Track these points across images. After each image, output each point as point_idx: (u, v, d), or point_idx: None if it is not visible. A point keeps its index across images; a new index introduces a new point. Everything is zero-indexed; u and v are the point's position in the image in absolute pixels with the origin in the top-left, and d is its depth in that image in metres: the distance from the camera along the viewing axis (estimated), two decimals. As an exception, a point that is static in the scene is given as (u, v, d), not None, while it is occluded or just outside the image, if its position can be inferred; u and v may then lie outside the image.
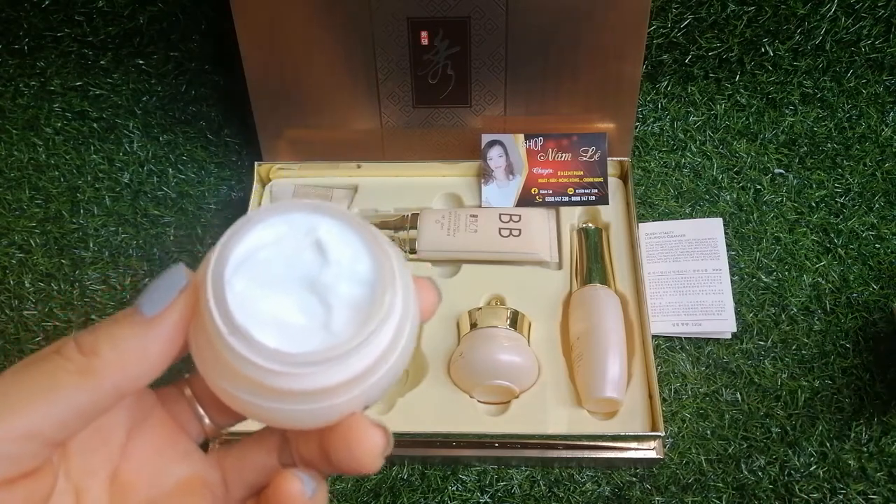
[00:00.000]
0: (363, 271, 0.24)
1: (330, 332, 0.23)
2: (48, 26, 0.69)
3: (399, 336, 0.24)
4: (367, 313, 0.23)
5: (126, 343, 0.23)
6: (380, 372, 0.24)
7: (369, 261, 0.24)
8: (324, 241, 0.24)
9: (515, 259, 0.59)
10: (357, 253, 0.24)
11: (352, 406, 0.24)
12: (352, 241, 0.24)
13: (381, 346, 0.23)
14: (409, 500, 0.53)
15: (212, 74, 0.71)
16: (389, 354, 0.24)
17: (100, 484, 0.25)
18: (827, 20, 0.66)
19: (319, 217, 0.24)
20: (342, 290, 0.23)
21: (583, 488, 0.53)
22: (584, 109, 0.62)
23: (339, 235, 0.24)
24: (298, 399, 0.23)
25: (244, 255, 0.24)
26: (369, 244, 0.24)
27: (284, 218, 0.24)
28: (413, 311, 0.25)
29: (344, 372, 0.23)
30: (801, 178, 0.66)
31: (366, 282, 0.24)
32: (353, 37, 0.58)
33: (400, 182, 0.64)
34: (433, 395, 0.54)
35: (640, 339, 0.55)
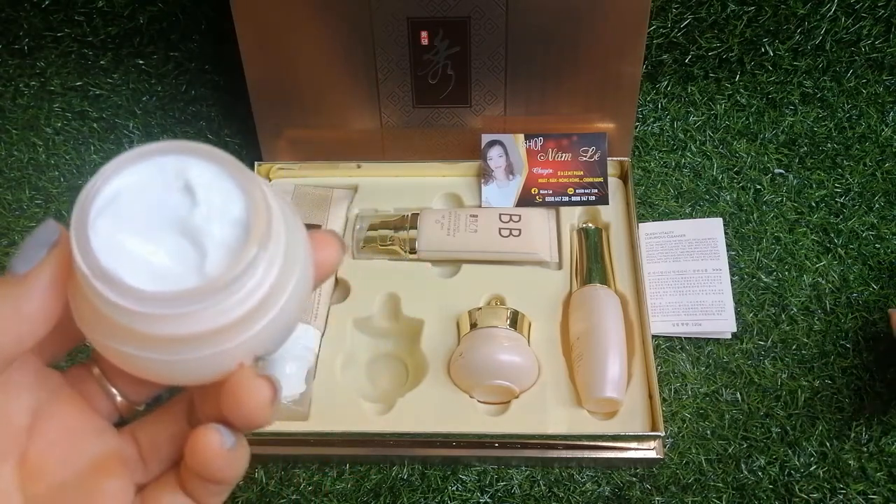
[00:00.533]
0: (237, 212, 0.23)
1: (204, 275, 0.22)
2: (48, 26, 0.69)
3: (284, 281, 0.23)
4: (240, 252, 0.22)
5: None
6: (263, 319, 0.23)
7: (243, 201, 0.23)
8: (193, 182, 0.23)
9: (515, 259, 0.59)
10: (229, 193, 0.23)
11: (235, 356, 0.23)
12: (224, 181, 0.23)
13: (262, 290, 0.22)
14: (409, 500, 0.53)
15: (212, 74, 0.71)
16: (272, 301, 0.23)
17: (9, 468, 0.24)
18: (827, 20, 0.66)
19: (189, 158, 0.23)
20: (215, 232, 0.23)
21: (583, 488, 0.53)
22: (584, 109, 0.62)
23: (211, 177, 0.23)
24: (175, 347, 0.22)
25: (109, 198, 0.23)
26: (242, 184, 0.23)
27: (153, 161, 0.23)
28: (303, 258, 0.24)
29: (220, 316, 0.22)
30: (801, 178, 0.66)
31: (240, 222, 0.23)
32: (353, 37, 0.58)
33: (400, 182, 0.64)
34: (433, 395, 0.54)
35: (640, 339, 0.55)
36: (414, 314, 0.57)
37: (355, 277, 0.59)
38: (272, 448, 0.54)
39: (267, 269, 0.22)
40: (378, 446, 0.53)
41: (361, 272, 0.59)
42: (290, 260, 0.23)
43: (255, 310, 0.22)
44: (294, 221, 0.24)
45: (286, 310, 0.23)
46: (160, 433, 0.26)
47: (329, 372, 0.55)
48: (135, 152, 0.23)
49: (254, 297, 0.22)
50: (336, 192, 0.63)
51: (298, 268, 0.24)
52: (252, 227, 0.22)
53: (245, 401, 0.23)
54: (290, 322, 0.24)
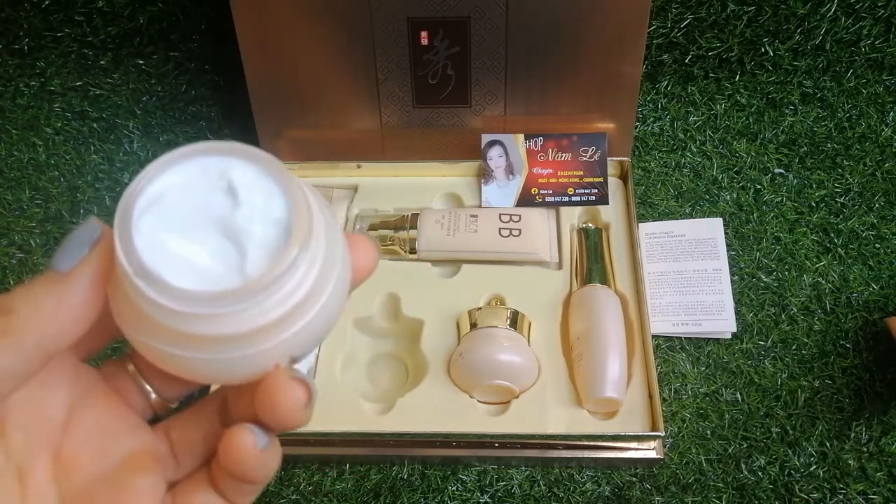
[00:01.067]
0: (278, 212, 0.23)
1: (245, 275, 0.22)
2: (48, 26, 0.69)
3: (323, 283, 0.23)
4: (282, 252, 0.22)
5: (41, 300, 0.23)
6: (302, 320, 0.23)
7: (284, 202, 0.23)
8: (236, 182, 0.23)
9: (515, 259, 0.59)
10: (271, 194, 0.23)
11: (273, 356, 0.23)
12: (265, 182, 0.23)
13: (301, 291, 0.22)
14: (409, 500, 0.53)
15: (212, 74, 0.71)
16: (311, 302, 0.23)
17: (43, 463, 0.24)
18: (827, 20, 0.66)
19: (232, 159, 0.24)
20: (256, 233, 0.23)
21: (583, 488, 0.53)
22: (584, 109, 0.62)
23: (253, 177, 0.23)
24: (214, 346, 0.22)
25: (153, 197, 0.23)
26: (284, 185, 0.23)
27: (196, 161, 0.24)
28: (341, 260, 0.24)
29: (260, 317, 0.22)
30: (801, 178, 0.66)
31: (281, 223, 0.23)
32: (353, 37, 0.58)
33: (400, 182, 0.64)
34: (433, 395, 0.54)
35: (640, 339, 0.55)
36: (414, 314, 0.57)
37: (355, 277, 0.59)
38: (272, 448, 0.53)
39: (307, 270, 0.23)
40: (378, 446, 0.53)
41: (361, 272, 0.59)
42: (329, 262, 0.23)
43: (293, 311, 0.22)
44: (333, 223, 0.24)
45: (324, 312, 0.23)
46: (193, 431, 0.27)
47: (329, 372, 0.55)
48: (178, 152, 0.23)
49: (293, 299, 0.22)
50: (336, 192, 0.63)
51: (337, 270, 0.24)
52: (293, 229, 0.22)
53: (280, 402, 0.23)
54: (327, 323, 0.24)
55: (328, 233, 0.24)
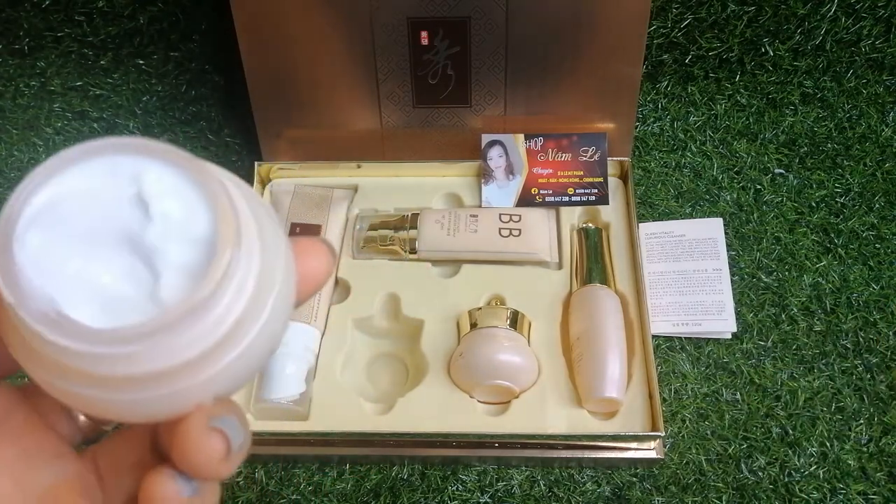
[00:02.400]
0: (199, 227, 0.19)
1: (159, 301, 0.18)
2: (48, 26, 0.69)
3: (256, 309, 0.19)
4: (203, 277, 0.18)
5: None
6: (229, 354, 0.19)
7: (207, 214, 0.19)
8: (149, 190, 0.19)
9: (515, 259, 0.59)
10: (192, 204, 0.19)
11: (193, 396, 0.20)
12: (185, 189, 0.19)
13: (228, 321, 0.19)
14: (409, 500, 0.53)
15: (212, 74, 0.71)
16: (241, 332, 0.19)
17: None
18: (827, 20, 0.66)
19: (146, 161, 0.19)
20: (171, 252, 0.19)
21: (583, 488, 0.53)
22: (584, 109, 0.62)
23: (171, 183, 0.19)
24: (124, 386, 0.19)
25: (44, 206, 0.19)
26: (208, 193, 0.19)
27: (101, 161, 0.19)
28: (281, 278, 0.20)
29: (177, 353, 0.18)
30: (801, 178, 0.66)
31: (202, 240, 0.19)
32: (353, 37, 0.58)
33: (400, 182, 0.64)
34: (433, 395, 0.54)
35: (640, 339, 0.55)
36: (414, 314, 0.57)
37: (355, 277, 0.59)
38: (272, 448, 0.54)
39: (235, 296, 0.19)
40: (378, 446, 0.53)
41: (361, 272, 0.59)
42: (266, 282, 0.20)
43: (218, 345, 0.19)
44: (273, 231, 0.21)
45: (257, 342, 0.20)
46: (121, 460, 0.23)
47: (329, 372, 0.55)
48: (79, 149, 0.19)
49: (218, 330, 0.19)
50: (336, 192, 0.63)
51: (276, 290, 0.20)
52: (217, 247, 0.18)
53: (192, 454, 0.20)
54: (262, 354, 0.21)
55: (265, 246, 0.20)
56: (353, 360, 0.57)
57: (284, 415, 0.53)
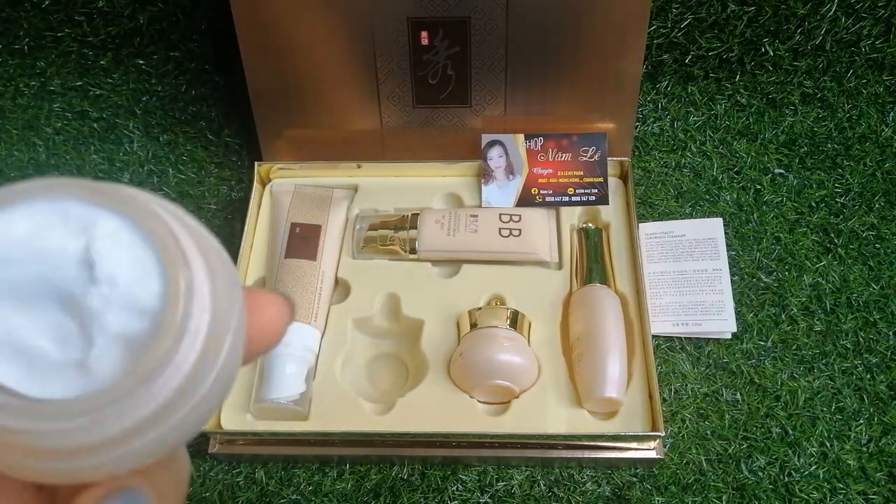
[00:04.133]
0: (147, 298, 0.17)
1: (86, 373, 0.17)
2: (48, 26, 0.69)
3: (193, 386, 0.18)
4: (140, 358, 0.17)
5: None
6: (157, 429, 0.18)
7: (159, 283, 0.17)
8: (97, 248, 0.17)
9: (515, 259, 0.59)
10: (144, 269, 0.17)
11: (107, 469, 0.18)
12: (141, 251, 0.17)
13: (157, 401, 0.17)
14: (409, 500, 0.53)
15: (212, 74, 0.71)
16: (175, 406, 0.18)
17: None
18: (827, 20, 0.66)
19: (104, 212, 0.17)
20: (111, 321, 0.17)
21: (583, 488, 0.53)
22: (584, 109, 0.62)
23: (125, 242, 0.17)
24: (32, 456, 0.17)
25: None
26: (166, 257, 0.17)
27: (54, 205, 0.17)
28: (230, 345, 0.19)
29: (101, 429, 0.17)
30: (801, 178, 0.66)
31: (148, 313, 0.17)
32: (353, 37, 0.58)
33: (400, 182, 0.64)
34: (433, 395, 0.54)
35: (640, 339, 0.55)
36: (414, 314, 0.57)
37: (355, 277, 0.59)
38: (272, 448, 0.54)
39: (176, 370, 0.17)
40: (378, 446, 0.53)
41: (361, 272, 0.59)
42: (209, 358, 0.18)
43: (147, 420, 0.17)
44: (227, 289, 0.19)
45: (193, 413, 0.18)
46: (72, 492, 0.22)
47: (329, 372, 0.55)
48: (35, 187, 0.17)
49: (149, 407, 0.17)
50: (336, 192, 0.63)
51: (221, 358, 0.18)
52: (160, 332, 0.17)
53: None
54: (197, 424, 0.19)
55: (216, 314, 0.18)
56: (353, 360, 0.57)
57: (284, 415, 0.53)
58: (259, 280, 0.59)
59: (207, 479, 0.54)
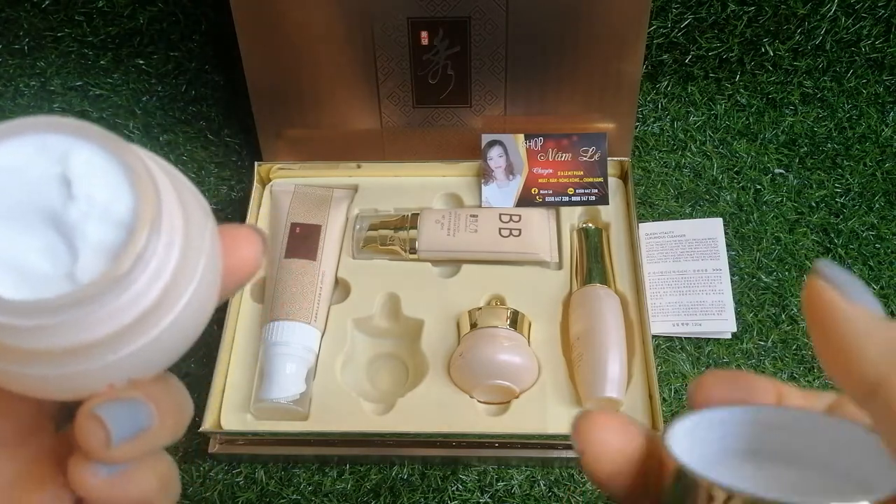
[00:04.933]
0: (121, 211, 0.19)
1: (74, 281, 0.19)
2: (48, 26, 0.69)
3: (173, 296, 0.20)
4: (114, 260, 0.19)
5: None
6: (141, 338, 0.19)
7: (131, 198, 0.19)
8: (75, 170, 0.19)
9: (515, 259, 0.59)
10: (117, 187, 0.19)
11: (103, 377, 0.20)
12: (113, 172, 0.20)
13: (142, 304, 0.19)
14: (409, 500, 0.53)
15: (212, 74, 0.71)
16: (157, 315, 0.20)
17: None
18: (827, 20, 0.66)
19: (78, 141, 0.20)
20: (91, 232, 0.19)
21: (583, 488, 0.53)
22: (584, 109, 0.62)
23: (99, 165, 0.20)
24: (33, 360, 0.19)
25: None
26: (135, 177, 0.19)
27: (31, 138, 0.20)
28: (204, 269, 0.20)
29: (86, 331, 0.19)
30: (801, 179, 0.66)
31: (124, 224, 0.19)
32: (353, 37, 0.58)
33: (400, 182, 0.64)
34: (433, 395, 0.54)
35: (640, 339, 0.55)
36: (414, 314, 0.57)
37: (355, 277, 0.59)
38: (272, 448, 0.54)
39: (151, 279, 0.19)
40: (378, 446, 0.53)
41: (361, 272, 0.59)
42: (186, 270, 0.20)
43: (132, 326, 0.19)
44: (200, 221, 0.21)
45: (175, 327, 0.20)
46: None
47: (329, 372, 0.55)
48: (8, 126, 0.20)
49: (131, 312, 0.19)
50: (336, 192, 0.63)
51: (196, 279, 0.20)
52: (134, 229, 0.19)
53: (78, 438, 0.20)
54: (181, 340, 0.21)
55: (189, 234, 0.20)
56: (353, 360, 0.57)
57: (284, 415, 0.53)
58: (259, 280, 0.59)
59: (207, 479, 0.54)
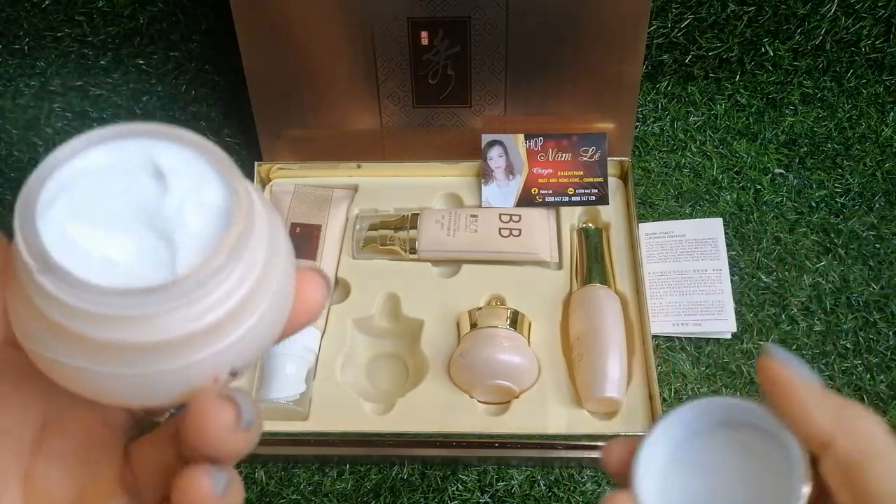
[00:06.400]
0: (213, 199, 0.20)
1: (175, 273, 0.19)
2: (48, 26, 0.69)
3: (266, 281, 0.20)
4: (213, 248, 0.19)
5: None
6: (244, 325, 0.20)
7: (221, 188, 0.20)
8: (164, 166, 0.20)
9: (515, 259, 0.59)
10: (205, 179, 0.20)
11: (209, 370, 0.20)
12: (198, 166, 0.20)
13: (243, 289, 0.19)
14: (409, 500, 0.53)
15: (212, 74, 0.71)
16: (254, 303, 0.20)
17: (13, 484, 0.22)
18: (827, 20, 0.66)
19: (159, 142, 0.20)
20: (188, 222, 0.19)
21: (583, 488, 0.53)
22: (584, 109, 0.62)
23: (185, 161, 0.20)
24: (136, 357, 0.19)
25: (62, 184, 0.20)
26: (221, 170, 0.20)
27: (116, 144, 0.20)
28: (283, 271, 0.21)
29: (192, 321, 0.19)
30: (801, 179, 0.66)
31: (217, 210, 0.20)
32: (353, 37, 0.58)
33: (400, 182, 0.64)
34: (433, 395, 0.54)
35: (640, 339, 0.55)
36: (414, 314, 0.57)
37: (355, 277, 0.59)
38: (272, 448, 0.54)
39: (249, 265, 0.19)
40: (378, 446, 0.53)
41: (361, 272, 0.59)
42: (272, 258, 0.20)
43: (234, 312, 0.19)
44: (276, 221, 0.21)
45: (267, 315, 0.20)
46: (150, 459, 0.24)
47: (329, 372, 0.55)
48: (96, 134, 0.20)
49: (233, 298, 0.19)
50: (336, 192, 0.63)
51: (280, 269, 0.21)
52: (232, 215, 0.19)
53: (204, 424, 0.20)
54: (272, 328, 0.21)
55: (271, 228, 0.21)
56: (353, 360, 0.57)
57: (284, 415, 0.53)
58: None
59: (207, 479, 0.54)
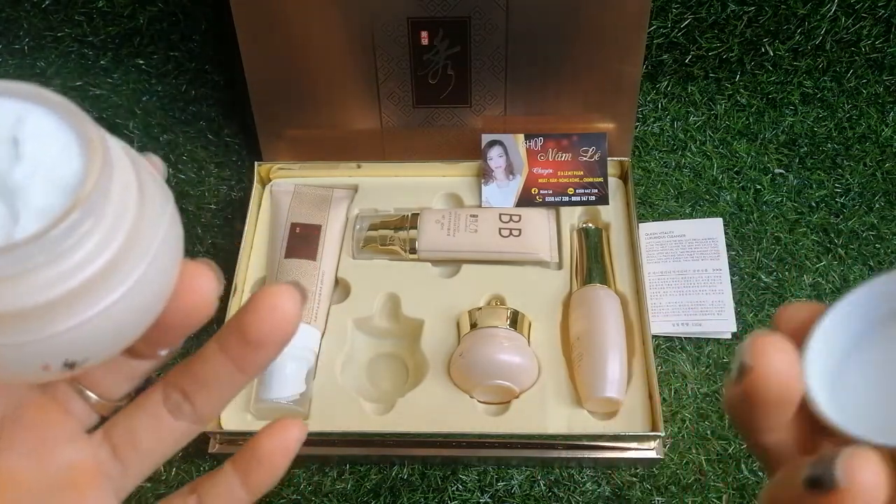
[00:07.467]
0: (68, 176, 0.19)
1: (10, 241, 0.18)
2: (48, 26, 0.69)
3: (124, 269, 0.19)
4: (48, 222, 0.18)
5: None
6: (80, 314, 0.18)
7: (80, 164, 0.19)
8: (26, 132, 0.19)
9: (515, 259, 0.59)
10: (68, 153, 0.19)
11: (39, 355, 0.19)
12: (64, 138, 0.19)
13: (83, 274, 0.18)
14: (409, 500, 0.53)
15: (212, 74, 0.71)
16: (101, 289, 0.18)
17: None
18: (827, 20, 0.66)
19: (31, 106, 0.20)
20: (36, 195, 0.18)
21: (583, 488, 0.53)
22: (584, 109, 0.62)
23: (51, 130, 0.19)
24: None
25: None
26: (87, 144, 0.19)
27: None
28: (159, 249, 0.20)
29: (22, 296, 0.17)
30: (801, 179, 0.66)
31: (70, 189, 0.18)
32: (353, 37, 0.58)
33: (400, 182, 0.64)
34: (433, 395, 0.54)
35: (640, 339, 0.55)
36: (414, 314, 0.57)
37: (355, 277, 0.59)
38: (272, 448, 0.53)
39: (95, 248, 0.18)
40: (378, 446, 0.53)
41: (361, 272, 0.59)
42: (140, 246, 0.19)
43: (69, 297, 0.18)
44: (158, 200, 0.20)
45: (123, 305, 0.19)
46: (138, 427, 0.24)
47: (329, 372, 0.55)
48: None
49: (70, 281, 0.18)
50: (336, 192, 0.63)
51: (148, 259, 0.19)
52: (78, 189, 0.18)
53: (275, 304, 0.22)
54: (130, 323, 0.20)
55: (143, 212, 0.19)
56: (353, 360, 0.57)
57: (284, 415, 0.53)
58: (259, 280, 0.59)
59: (207, 479, 0.54)
